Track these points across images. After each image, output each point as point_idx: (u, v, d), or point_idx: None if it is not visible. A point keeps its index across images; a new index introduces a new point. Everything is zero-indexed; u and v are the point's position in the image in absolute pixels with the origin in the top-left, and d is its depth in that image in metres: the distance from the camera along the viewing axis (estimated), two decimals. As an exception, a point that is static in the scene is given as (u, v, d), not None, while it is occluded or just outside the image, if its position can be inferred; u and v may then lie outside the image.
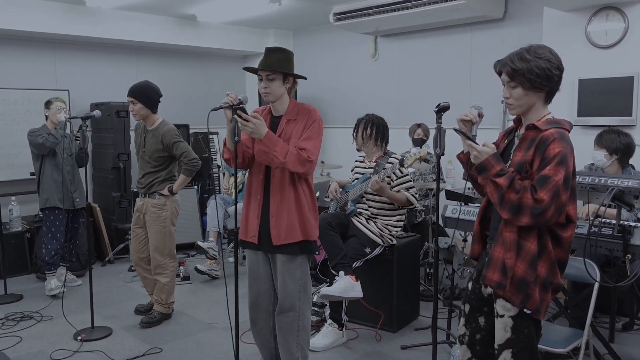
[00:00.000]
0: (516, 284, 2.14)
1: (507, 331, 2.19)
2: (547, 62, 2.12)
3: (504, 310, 2.20)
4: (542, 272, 2.13)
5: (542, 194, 2.01)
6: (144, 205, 4.14)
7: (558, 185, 2.02)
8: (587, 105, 4.50)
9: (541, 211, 2.02)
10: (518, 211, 2.05)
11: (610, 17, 4.41)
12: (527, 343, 2.18)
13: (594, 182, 2.93)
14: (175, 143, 4.05)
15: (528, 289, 2.12)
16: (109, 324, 4.14)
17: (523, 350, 2.18)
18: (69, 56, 6.24)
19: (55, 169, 4.77)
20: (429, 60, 6.08)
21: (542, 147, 2.09)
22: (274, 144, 2.70)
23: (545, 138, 2.09)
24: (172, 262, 4.21)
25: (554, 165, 2.04)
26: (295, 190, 2.87)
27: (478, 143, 2.21)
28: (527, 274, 2.12)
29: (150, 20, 6.29)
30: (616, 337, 3.80)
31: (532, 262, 2.12)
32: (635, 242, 2.86)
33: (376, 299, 3.97)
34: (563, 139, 2.08)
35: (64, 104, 4.81)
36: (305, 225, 2.88)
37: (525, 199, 2.03)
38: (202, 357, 3.62)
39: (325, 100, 7.25)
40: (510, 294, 2.15)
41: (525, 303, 2.13)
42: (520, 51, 2.17)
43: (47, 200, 4.78)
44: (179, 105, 6.91)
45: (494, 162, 2.12)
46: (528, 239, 2.13)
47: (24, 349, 3.74)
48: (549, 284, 2.16)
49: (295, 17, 6.61)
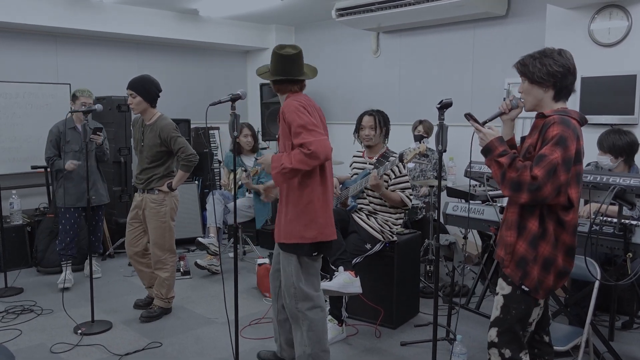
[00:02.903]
0: (516, 262, 2.31)
1: (497, 309, 2.38)
2: (551, 60, 2.28)
3: (499, 288, 2.39)
4: (543, 252, 2.26)
5: (537, 170, 2.14)
6: (142, 200, 4.13)
7: (554, 164, 2.13)
8: (590, 103, 4.49)
9: (537, 187, 2.14)
10: (517, 188, 2.18)
11: (614, 15, 4.39)
12: (512, 325, 2.33)
13: (596, 180, 2.93)
14: (173, 138, 4.02)
15: (527, 266, 2.28)
16: (109, 318, 4.15)
17: (507, 331, 2.34)
18: (71, 50, 6.24)
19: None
20: (431, 57, 6.06)
21: (543, 131, 2.23)
22: (278, 162, 2.77)
23: (546, 122, 2.24)
24: (172, 257, 4.21)
25: (550, 145, 2.16)
26: (300, 191, 2.89)
27: None
28: (527, 252, 2.28)
29: (152, 14, 6.28)
30: (616, 335, 3.80)
31: (533, 241, 2.27)
32: (637, 241, 2.86)
33: (376, 295, 3.97)
34: (563, 122, 2.20)
35: (90, 99, 4.77)
36: (296, 227, 2.90)
37: (523, 176, 2.16)
38: (201, 352, 3.63)
39: (326, 96, 7.24)
40: (511, 270, 2.33)
41: (524, 280, 2.29)
42: (534, 52, 2.35)
43: (59, 199, 4.87)
44: (181, 100, 6.91)
45: (497, 144, 2.28)
46: (529, 220, 2.27)
47: (24, 342, 3.75)
48: (550, 265, 2.27)
49: (297, 12, 6.60)
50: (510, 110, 2.43)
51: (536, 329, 2.50)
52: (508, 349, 2.34)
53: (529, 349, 2.51)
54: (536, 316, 2.38)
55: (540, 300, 2.35)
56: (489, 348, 2.40)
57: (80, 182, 4.77)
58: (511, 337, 2.35)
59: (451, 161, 5.50)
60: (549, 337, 2.57)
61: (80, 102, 4.71)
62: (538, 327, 2.51)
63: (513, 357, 2.34)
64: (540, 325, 2.51)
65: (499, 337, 2.36)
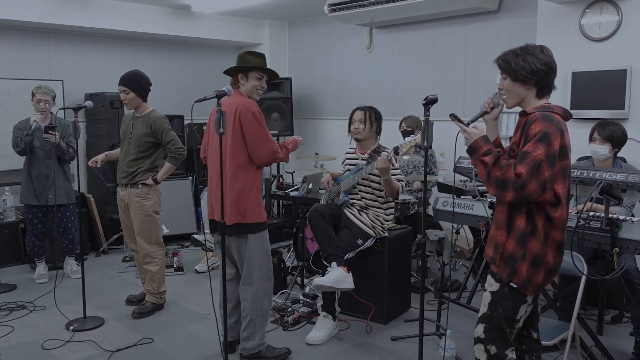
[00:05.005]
0: (505, 259, 2.31)
1: (485, 306, 2.39)
2: (534, 57, 2.27)
3: (488, 285, 2.39)
4: (532, 249, 2.26)
5: (520, 167, 2.14)
6: (126, 195, 4.13)
7: (537, 160, 2.13)
8: (580, 98, 4.50)
9: (521, 185, 2.14)
10: (502, 187, 2.18)
11: (604, 9, 4.40)
12: (499, 322, 2.34)
13: (582, 176, 2.94)
14: (165, 130, 4.06)
15: (515, 264, 2.28)
16: (101, 314, 4.16)
17: (494, 328, 2.35)
18: (63, 46, 6.22)
19: (31, 164, 4.84)
20: (423, 52, 6.06)
21: (525, 128, 2.23)
22: None
23: (528, 119, 2.24)
24: (160, 250, 4.22)
25: (533, 142, 2.16)
26: None
27: None
28: (516, 249, 2.28)
29: (145, 10, 6.26)
30: (605, 329, 3.83)
31: (521, 239, 2.27)
32: (623, 236, 2.87)
33: (367, 291, 3.99)
34: (545, 119, 2.20)
35: (47, 96, 4.72)
36: None
37: (508, 174, 2.16)
38: (193, 348, 3.64)
39: (320, 92, 7.24)
40: (499, 269, 2.33)
41: (512, 277, 2.29)
42: (515, 48, 2.34)
43: (21, 196, 4.93)
44: (174, 95, 6.90)
45: (481, 143, 2.27)
46: (517, 217, 2.28)
47: (15, 339, 3.76)
48: (540, 262, 2.27)
49: (290, 7, 6.59)
50: (492, 109, 2.41)
51: (525, 325, 2.51)
52: (494, 345, 2.36)
53: (517, 344, 2.53)
54: (524, 314, 2.38)
55: (528, 298, 2.35)
56: (475, 343, 2.42)
57: (38, 180, 4.81)
58: (497, 334, 2.36)
59: (442, 157, 5.51)
60: (537, 333, 2.59)
61: (36, 99, 4.70)
62: (527, 324, 2.52)
63: (498, 353, 2.35)
64: (529, 321, 2.52)
65: (486, 333, 2.38)
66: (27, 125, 4.78)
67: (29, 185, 4.85)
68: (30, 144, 4.73)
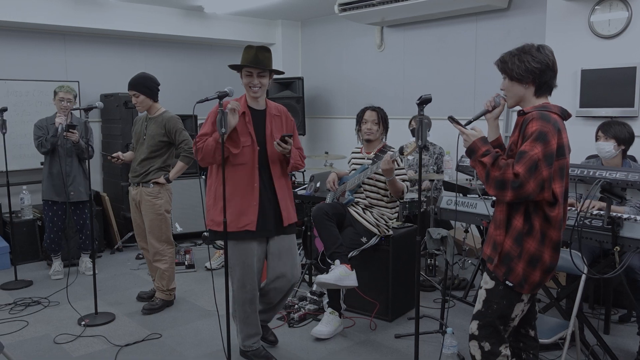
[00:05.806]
0: (502, 258, 2.33)
1: (479, 303, 2.41)
2: (529, 56, 2.29)
3: (483, 282, 2.42)
4: (529, 248, 2.27)
5: (518, 167, 2.15)
6: (138, 194, 4.21)
7: (535, 160, 2.14)
8: (590, 96, 4.46)
9: (519, 184, 2.14)
10: (501, 187, 2.19)
11: (614, 6, 4.35)
12: (492, 319, 2.36)
13: (583, 174, 2.93)
14: (178, 130, 4.14)
15: (511, 262, 2.30)
16: (112, 310, 4.26)
17: (488, 325, 2.37)
18: (79, 48, 6.35)
19: (52, 162, 4.96)
20: (434, 50, 6.06)
21: (523, 127, 2.25)
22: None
23: (525, 119, 2.26)
24: (169, 248, 4.29)
25: (530, 142, 2.17)
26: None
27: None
28: (512, 248, 2.30)
29: (158, 11, 6.37)
30: (613, 328, 3.80)
31: (518, 238, 2.29)
32: (625, 234, 2.85)
33: (372, 289, 4.01)
34: (542, 118, 2.21)
35: (69, 95, 4.87)
36: None
37: (506, 174, 2.17)
38: (199, 343, 3.71)
39: (331, 91, 7.27)
40: (495, 267, 2.35)
41: (508, 276, 2.31)
42: (514, 48, 2.36)
43: (43, 192, 5.06)
44: (187, 96, 6.98)
45: (480, 145, 2.30)
46: (515, 217, 2.29)
47: (29, 333, 3.87)
48: (537, 261, 2.28)
49: (302, 7, 6.63)
50: (493, 109, 2.44)
51: (522, 323, 2.52)
52: (487, 342, 2.37)
53: (514, 342, 2.54)
54: (520, 312, 2.39)
55: (524, 297, 2.36)
56: (470, 340, 2.44)
57: (59, 177, 4.94)
58: (491, 331, 2.37)
59: (448, 155, 5.50)
60: (534, 331, 2.59)
61: (59, 97, 4.84)
62: (524, 322, 2.53)
63: (492, 350, 2.37)
64: (526, 319, 2.53)
65: (479, 330, 2.39)
66: (48, 124, 4.92)
67: (50, 182, 4.99)
68: (55, 144, 4.88)
